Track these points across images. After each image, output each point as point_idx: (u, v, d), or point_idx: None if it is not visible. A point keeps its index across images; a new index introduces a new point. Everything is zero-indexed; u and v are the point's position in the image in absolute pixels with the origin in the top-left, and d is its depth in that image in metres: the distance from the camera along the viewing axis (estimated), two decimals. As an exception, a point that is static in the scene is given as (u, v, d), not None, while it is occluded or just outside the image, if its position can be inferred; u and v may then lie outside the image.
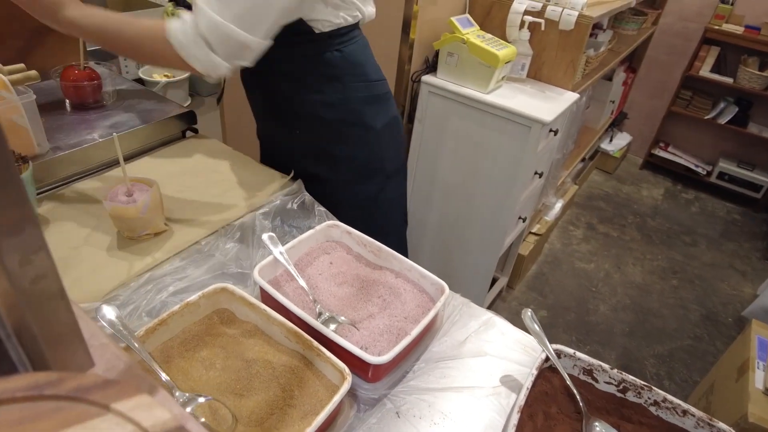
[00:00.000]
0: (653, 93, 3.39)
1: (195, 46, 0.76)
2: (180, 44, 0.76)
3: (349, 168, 1.05)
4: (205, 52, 0.77)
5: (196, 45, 0.76)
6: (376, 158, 1.06)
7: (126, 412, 0.20)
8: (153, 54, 0.81)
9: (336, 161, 1.03)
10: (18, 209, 0.21)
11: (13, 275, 0.21)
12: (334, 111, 0.99)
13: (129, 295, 0.73)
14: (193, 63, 0.78)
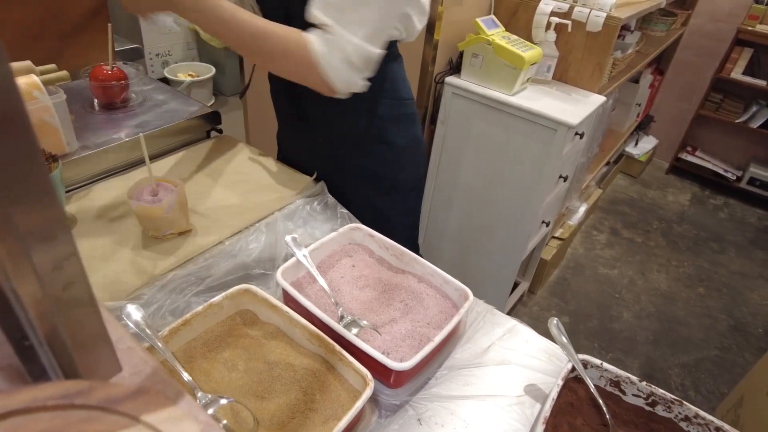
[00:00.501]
0: (681, 96, 3.31)
1: (341, 68, 0.78)
2: (328, 65, 0.77)
3: (366, 181, 1.05)
4: (349, 74, 0.79)
5: (342, 67, 0.78)
6: (394, 175, 1.06)
7: (156, 424, 0.20)
8: (292, 71, 0.81)
9: (354, 173, 1.04)
10: (51, 216, 0.21)
11: (45, 282, 0.21)
12: (360, 125, 0.99)
13: (153, 294, 0.73)
14: (335, 83, 0.79)
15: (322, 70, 0.77)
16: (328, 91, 0.81)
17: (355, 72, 0.79)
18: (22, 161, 0.19)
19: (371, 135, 1.00)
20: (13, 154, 0.18)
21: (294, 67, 0.79)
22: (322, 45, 0.77)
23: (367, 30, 0.77)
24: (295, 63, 0.78)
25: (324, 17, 0.76)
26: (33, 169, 0.20)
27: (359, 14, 0.76)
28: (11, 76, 0.19)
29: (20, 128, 0.19)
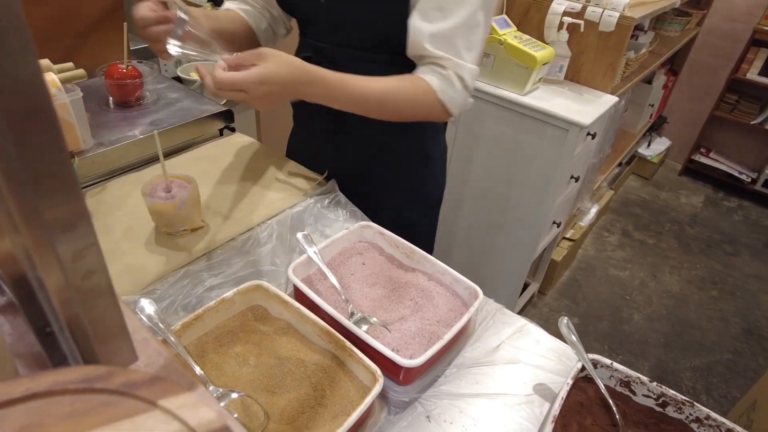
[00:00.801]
0: (695, 97, 3.27)
1: (462, 97, 0.84)
2: (452, 100, 0.83)
3: (395, 193, 1.04)
4: (465, 98, 0.85)
5: (460, 94, 0.83)
6: (425, 187, 1.07)
7: (173, 409, 0.21)
8: (419, 116, 0.86)
9: (383, 184, 1.03)
10: (73, 206, 0.22)
11: (67, 270, 0.22)
12: (400, 138, 0.99)
13: (166, 289, 0.74)
14: (453, 110, 0.84)
15: (447, 105, 0.83)
16: (444, 119, 0.87)
17: (468, 93, 0.85)
18: (49, 155, 0.20)
19: (412, 148, 1.01)
20: (40, 148, 0.19)
21: (423, 112, 0.85)
22: (442, 83, 0.81)
23: (476, 53, 0.82)
24: (426, 109, 0.83)
25: (437, 51, 0.80)
26: (59, 162, 0.21)
27: (469, 40, 0.80)
28: (40, 73, 0.19)
29: (47, 123, 0.20)
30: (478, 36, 0.81)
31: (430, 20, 0.79)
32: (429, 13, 0.79)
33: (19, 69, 0.16)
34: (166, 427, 0.20)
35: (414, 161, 1.03)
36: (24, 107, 0.17)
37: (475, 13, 0.79)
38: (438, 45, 0.79)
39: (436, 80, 0.81)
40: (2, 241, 0.22)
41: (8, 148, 0.17)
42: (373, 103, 0.81)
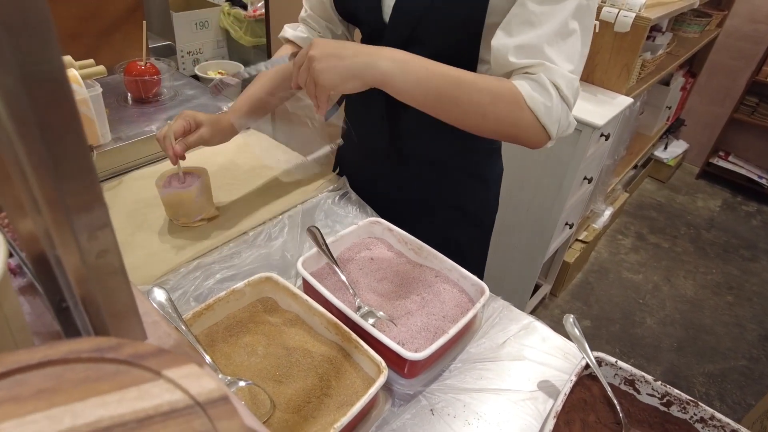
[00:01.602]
0: (714, 99, 3.23)
1: (560, 109, 0.69)
2: (547, 110, 0.68)
3: (449, 215, 0.99)
4: (567, 114, 0.70)
5: (561, 108, 0.69)
6: (478, 210, 1.01)
7: (176, 379, 0.22)
8: (501, 118, 0.69)
9: (437, 207, 0.98)
10: (89, 189, 0.23)
11: (83, 249, 0.23)
12: (457, 159, 0.93)
13: (178, 280, 0.76)
14: (553, 128, 0.70)
15: (541, 117, 0.68)
16: (540, 141, 0.72)
17: (569, 108, 0.70)
18: (69, 142, 0.21)
19: (467, 170, 0.95)
20: (62, 135, 0.20)
21: (507, 113, 0.69)
22: (533, 87, 0.68)
23: (573, 64, 0.69)
24: (509, 104, 0.68)
25: (523, 60, 0.68)
26: (78, 149, 0.22)
27: (562, 49, 0.68)
28: (63, 67, 0.21)
29: (69, 113, 0.21)
30: (573, 45, 0.69)
31: (515, 34, 0.69)
32: (515, 29, 0.69)
33: (44, 63, 0.18)
34: (170, 395, 0.22)
35: (469, 184, 0.97)
36: (48, 98, 0.18)
37: (567, 21, 0.68)
38: (524, 54, 0.68)
39: (526, 84, 0.68)
40: (25, 221, 0.24)
41: (35, 135, 0.18)
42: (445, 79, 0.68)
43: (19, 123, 0.18)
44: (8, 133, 0.19)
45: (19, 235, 0.25)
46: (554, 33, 0.67)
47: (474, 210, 1.00)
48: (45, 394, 0.21)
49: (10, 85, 0.17)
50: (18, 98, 0.17)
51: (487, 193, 1.01)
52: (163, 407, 0.21)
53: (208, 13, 2.14)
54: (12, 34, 0.16)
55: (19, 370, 0.22)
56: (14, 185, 0.22)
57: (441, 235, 0.93)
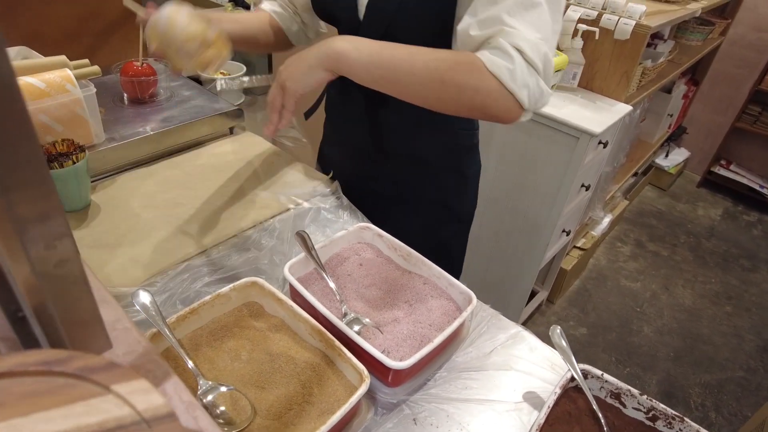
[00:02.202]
0: (717, 107, 3.22)
1: (528, 74, 0.65)
2: (510, 73, 0.64)
3: (430, 210, 1.02)
4: (536, 80, 0.66)
5: (528, 72, 0.65)
6: (460, 205, 1.05)
7: (124, 394, 0.22)
8: (462, 88, 0.66)
9: (419, 202, 1.01)
10: (45, 199, 0.23)
11: (36, 260, 0.23)
12: (437, 155, 0.96)
13: (166, 282, 0.76)
14: (521, 93, 0.66)
15: (506, 82, 0.65)
16: (512, 110, 0.68)
17: (539, 75, 0.66)
18: (19, 150, 0.21)
19: (448, 166, 0.99)
20: (11, 143, 0.20)
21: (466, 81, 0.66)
22: (492, 53, 0.65)
23: (541, 33, 0.66)
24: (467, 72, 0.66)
25: (484, 32, 0.67)
26: (31, 155, 0.22)
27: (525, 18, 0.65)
28: (10, 68, 0.20)
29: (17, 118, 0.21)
30: (539, 16, 0.65)
31: (478, 11, 0.68)
32: (479, 9, 0.67)
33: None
34: (118, 411, 0.21)
35: (450, 179, 1.01)
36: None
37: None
38: (484, 26, 0.66)
39: (486, 51, 0.66)
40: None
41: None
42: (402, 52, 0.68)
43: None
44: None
45: (-28, 244, 0.24)
46: (515, 4, 0.65)
47: (454, 204, 1.04)
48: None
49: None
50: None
51: (467, 188, 1.04)
52: (109, 423, 0.21)
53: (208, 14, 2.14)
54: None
55: (-35, 382, 0.21)
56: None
57: (423, 229, 1.00)
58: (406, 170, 0.98)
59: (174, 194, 0.96)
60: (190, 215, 0.90)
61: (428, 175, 0.99)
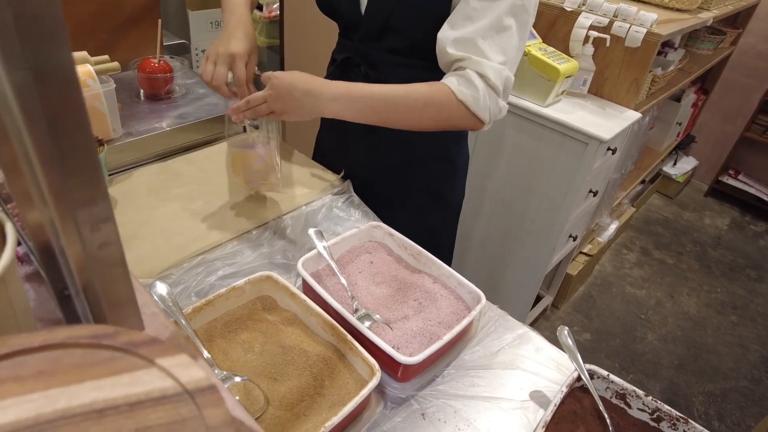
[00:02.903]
0: (726, 117, 3.21)
1: (489, 100, 0.80)
2: (475, 100, 0.79)
3: (420, 197, 1.07)
4: (495, 101, 0.81)
5: (490, 99, 0.80)
6: (450, 192, 1.10)
7: (167, 367, 0.23)
8: (437, 116, 0.81)
9: (410, 189, 1.06)
10: (93, 184, 0.24)
11: (85, 240, 0.25)
12: (427, 144, 1.01)
13: (181, 275, 0.77)
14: (484, 115, 0.80)
15: (471, 107, 0.79)
16: (476, 126, 0.82)
17: (497, 95, 0.80)
18: (76, 137, 0.22)
19: (439, 155, 1.04)
20: (69, 131, 0.21)
21: (447, 115, 0.80)
22: (460, 82, 0.79)
23: (506, 56, 0.79)
24: (448, 112, 0.80)
25: (458, 52, 0.79)
26: (84, 144, 0.24)
27: (495, 43, 0.78)
28: (73, 64, 0.22)
29: (77, 109, 0.22)
30: (508, 40, 0.78)
31: (455, 28, 0.79)
32: (457, 22, 0.79)
33: (55, 60, 0.19)
34: (161, 383, 0.23)
35: (439, 167, 1.06)
36: (57, 94, 0.19)
37: (502, 17, 0.77)
38: (459, 47, 0.79)
39: (455, 80, 0.79)
40: (32, 212, 0.25)
41: (42, 130, 0.19)
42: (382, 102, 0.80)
43: (28, 118, 0.19)
44: (18, 127, 0.20)
45: (27, 224, 0.26)
46: (489, 27, 0.77)
47: (445, 192, 1.09)
48: (43, 376, 0.22)
49: (21, 80, 0.18)
50: (28, 93, 0.18)
51: (455, 176, 1.09)
52: (153, 393, 0.22)
53: (224, 13, 2.16)
54: (24, 31, 0.17)
55: (21, 352, 0.23)
56: (23, 177, 0.23)
57: (415, 216, 1.06)
58: (398, 157, 1.03)
59: (188, 189, 0.97)
60: (204, 210, 0.92)
61: (419, 162, 1.04)
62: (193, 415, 0.22)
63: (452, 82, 0.79)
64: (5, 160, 0.23)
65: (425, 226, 1.08)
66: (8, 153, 0.22)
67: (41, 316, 0.35)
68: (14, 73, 0.18)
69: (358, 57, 0.95)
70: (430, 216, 1.10)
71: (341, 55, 1.00)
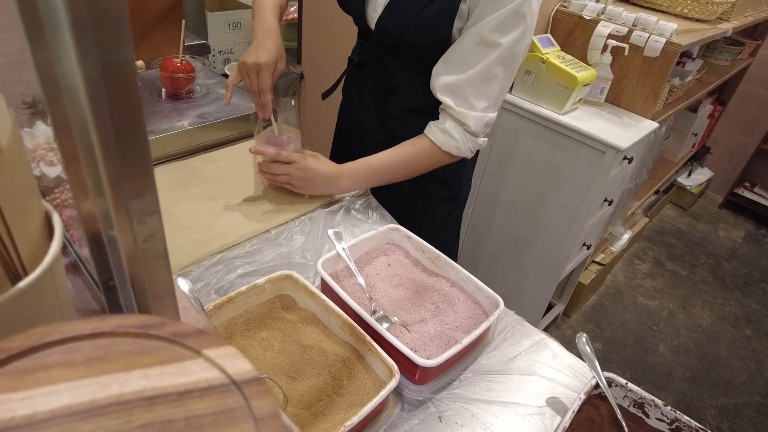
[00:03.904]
0: (743, 129, 3.18)
1: (468, 143, 0.93)
2: (456, 149, 0.93)
3: (432, 190, 1.10)
4: (474, 142, 0.94)
5: (469, 142, 0.93)
6: (459, 186, 1.13)
7: (214, 358, 0.24)
8: (429, 165, 0.97)
9: (418, 182, 1.07)
10: (145, 176, 0.25)
11: (135, 232, 0.25)
12: None
13: (201, 272, 0.78)
14: (466, 154, 0.95)
15: (454, 154, 0.94)
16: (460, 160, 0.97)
17: (476, 138, 0.93)
18: (133, 130, 0.23)
19: None
20: (128, 124, 0.22)
21: (429, 162, 0.96)
22: (444, 137, 0.92)
23: (489, 102, 0.89)
24: (438, 159, 0.95)
25: (445, 99, 0.89)
26: (140, 137, 0.24)
27: (480, 91, 0.87)
28: (133, 60, 0.23)
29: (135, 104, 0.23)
30: (492, 87, 0.88)
31: (448, 67, 0.88)
32: (449, 62, 0.88)
33: (121, 57, 0.19)
34: (208, 373, 0.23)
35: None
36: (121, 90, 0.20)
37: (492, 66, 0.85)
38: (447, 94, 0.89)
39: (439, 135, 0.92)
40: (86, 202, 0.26)
41: (108, 123, 0.20)
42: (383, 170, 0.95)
43: (95, 110, 0.20)
44: (86, 119, 0.21)
45: (80, 214, 0.27)
46: (478, 77, 0.86)
47: (451, 184, 1.13)
48: (95, 362, 0.23)
49: (93, 74, 0.19)
50: (97, 87, 0.19)
51: (463, 168, 1.12)
52: (200, 383, 0.23)
53: (242, 15, 2.18)
54: (99, 27, 0.18)
55: (73, 338, 0.23)
56: (81, 168, 0.24)
57: (423, 208, 1.11)
58: None
59: (208, 188, 0.98)
60: (224, 208, 0.93)
61: None
62: (240, 406, 0.22)
63: (436, 137, 0.93)
64: (66, 152, 0.24)
65: (433, 217, 1.13)
66: (69, 144, 0.23)
67: (77, 307, 0.35)
68: (88, 68, 0.19)
69: (373, 60, 1.01)
70: (438, 207, 1.14)
71: (358, 57, 1.05)
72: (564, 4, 1.76)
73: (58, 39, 0.19)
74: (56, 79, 0.21)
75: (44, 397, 0.21)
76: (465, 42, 0.85)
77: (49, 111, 0.22)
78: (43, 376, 0.22)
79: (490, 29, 0.83)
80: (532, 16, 0.84)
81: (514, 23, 0.83)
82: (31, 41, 0.20)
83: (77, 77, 0.19)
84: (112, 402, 0.21)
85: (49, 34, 0.19)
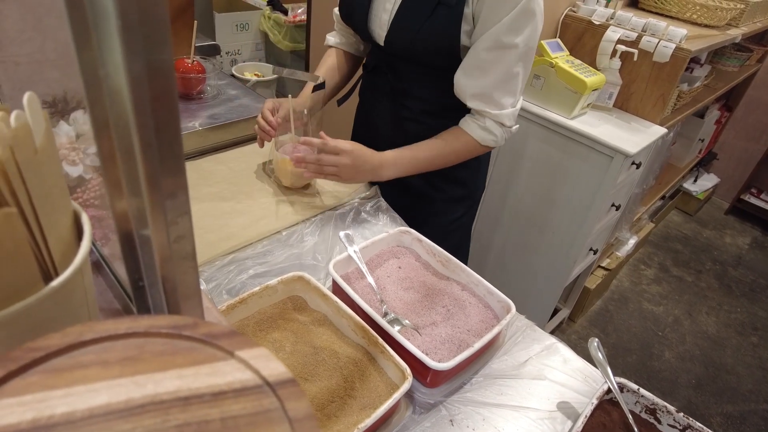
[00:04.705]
0: (749, 135, 3.17)
1: (505, 134, 0.97)
2: (495, 143, 0.97)
3: (450, 189, 1.11)
4: (509, 132, 0.97)
5: (504, 134, 0.97)
6: (474, 183, 1.14)
7: (247, 359, 0.24)
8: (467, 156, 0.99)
9: (433, 182, 1.08)
10: (179, 177, 0.25)
11: (168, 232, 0.25)
12: None
13: (213, 272, 0.78)
14: (500, 144, 0.98)
15: (491, 146, 0.97)
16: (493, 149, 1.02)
17: (510, 129, 0.97)
18: (171, 131, 0.23)
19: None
20: (167, 124, 0.22)
21: (468, 154, 0.99)
22: (483, 133, 0.95)
23: (516, 96, 0.92)
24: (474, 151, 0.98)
25: (478, 106, 0.92)
26: (176, 138, 0.24)
27: (507, 90, 0.90)
28: (172, 61, 0.23)
29: (173, 104, 0.23)
30: (516, 82, 0.90)
31: (471, 78, 0.89)
32: (470, 72, 0.89)
33: (162, 55, 0.20)
34: (241, 375, 0.23)
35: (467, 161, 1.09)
36: (161, 87, 0.20)
37: (511, 67, 0.87)
38: (478, 102, 0.91)
39: (478, 131, 0.95)
40: (120, 201, 0.26)
41: (149, 123, 0.20)
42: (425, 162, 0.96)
43: (138, 110, 0.20)
44: (127, 119, 0.21)
45: (114, 214, 0.27)
46: (501, 79, 0.88)
47: (468, 183, 1.14)
48: (129, 362, 0.23)
49: (137, 74, 0.19)
50: (141, 86, 0.19)
51: (479, 166, 1.14)
52: (234, 384, 0.23)
53: (250, 16, 2.19)
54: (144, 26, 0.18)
55: (107, 338, 0.24)
56: (117, 167, 0.24)
57: (438, 208, 1.12)
58: None
59: (219, 188, 0.99)
60: (235, 209, 0.93)
61: None
62: (275, 407, 0.22)
63: (477, 134, 0.95)
64: (104, 151, 0.24)
65: (445, 216, 1.14)
66: (107, 144, 0.23)
67: (99, 306, 0.35)
68: (133, 68, 0.19)
69: (386, 66, 1.01)
70: (451, 207, 1.14)
71: (372, 63, 1.06)
72: (573, 9, 1.77)
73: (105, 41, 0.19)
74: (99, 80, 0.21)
75: (82, 396, 0.21)
76: (482, 49, 0.86)
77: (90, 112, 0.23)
78: (80, 374, 0.22)
79: (504, 32, 0.83)
80: (540, 8, 0.85)
81: (525, 21, 0.83)
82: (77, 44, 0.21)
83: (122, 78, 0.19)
84: (148, 402, 0.21)
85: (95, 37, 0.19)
